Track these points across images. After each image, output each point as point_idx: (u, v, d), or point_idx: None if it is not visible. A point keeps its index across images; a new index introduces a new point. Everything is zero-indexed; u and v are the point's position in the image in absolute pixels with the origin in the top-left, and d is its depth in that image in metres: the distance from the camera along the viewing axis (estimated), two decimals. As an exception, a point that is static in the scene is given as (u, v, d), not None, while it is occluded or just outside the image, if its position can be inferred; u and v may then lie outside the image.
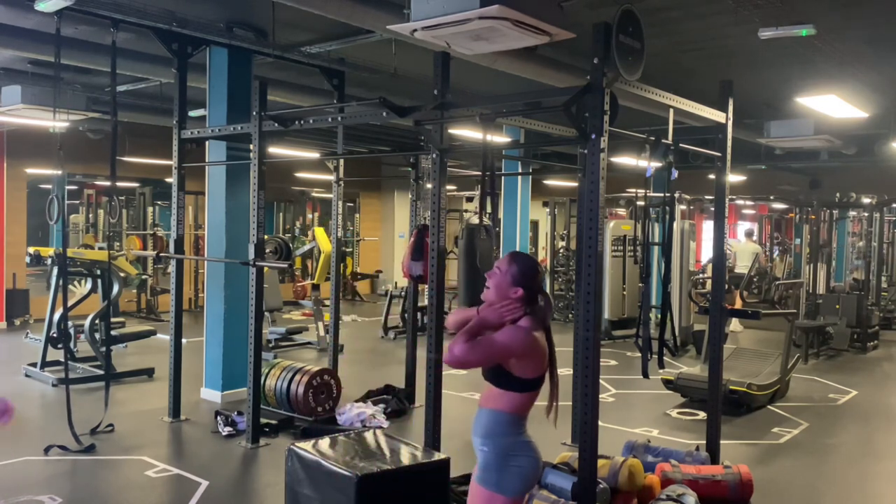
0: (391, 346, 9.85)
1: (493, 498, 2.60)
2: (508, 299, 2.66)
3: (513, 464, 2.61)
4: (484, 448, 2.64)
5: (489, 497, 2.61)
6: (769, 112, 9.43)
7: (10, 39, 6.05)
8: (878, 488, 4.95)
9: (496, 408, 2.65)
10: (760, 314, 5.79)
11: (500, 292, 2.67)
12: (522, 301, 2.66)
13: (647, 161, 4.21)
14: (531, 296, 2.68)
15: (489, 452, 2.63)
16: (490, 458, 2.63)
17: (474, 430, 2.69)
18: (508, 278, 2.68)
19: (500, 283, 2.68)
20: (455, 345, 2.55)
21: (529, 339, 2.60)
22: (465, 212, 15.15)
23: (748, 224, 22.73)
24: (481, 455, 2.65)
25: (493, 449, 2.63)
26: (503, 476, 2.60)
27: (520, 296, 2.66)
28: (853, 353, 9.87)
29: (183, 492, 4.47)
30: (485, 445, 2.64)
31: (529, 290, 2.67)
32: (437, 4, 3.40)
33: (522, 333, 2.61)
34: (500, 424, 2.64)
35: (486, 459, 2.64)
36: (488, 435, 2.64)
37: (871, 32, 6.33)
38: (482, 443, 2.65)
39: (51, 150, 5.50)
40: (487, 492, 2.61)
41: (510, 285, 2.67)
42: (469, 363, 2.58)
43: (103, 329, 7.04)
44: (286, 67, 7.20)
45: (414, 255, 5.53)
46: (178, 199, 6.04)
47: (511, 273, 2.68)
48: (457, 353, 2.53)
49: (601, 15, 4.11)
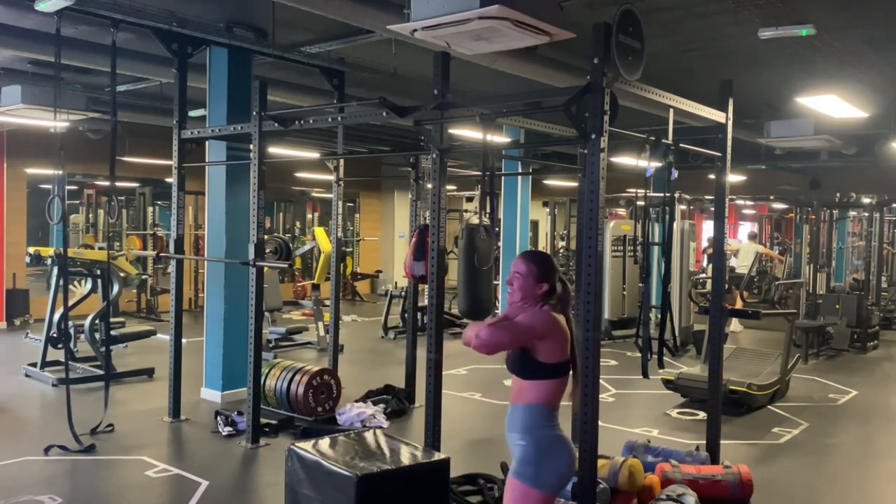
0: (391, 346, 9.85)
1: (529, 492, 2.65)
2: (535, 297, 2.75)
3: (550, 459, 2.67)
4: (521, 442, 2.69)
5: (525, 491, 2.65)
6: (769, 112, 9.42)
7: (10, 39, 6.05)
8: (878, 488, 4.95)
9: (529, 401, 2.70)
10: (760, 314, 5.78)
11: (526, 293, 2.76)
12: (545, 296, 2.76)
13: (647, 161, 4.20)
14: (554, 289, 2.78)
15: (527, 446, 2.67)
16: (528, 451, 2.67)
17: (509, 426, 2.75)
18: (532, 279, 2.76)
19: (524, 284, 2.77)
20: (481, 331, 2.62)
21: (551, 319, 2.70)
22: (465, 212, 15.16)
23: (748, 224, 22.76)
24: (519, 450, 2.69)
25: (530, 442, 2.67)
26: (540, 471, 2.65)
27: (545, 291, 2.75)
28: (853, 353, 9.87)
29: (183, 492, 4.47)
30: (522, 440, 2.68)
31: (552, 284, 2.77)
32: (437, 4, 3.40)
33: (544, 314, 2.70)
34: (535, 417, 2.69)
35: (525, 453, 2.68)
36: (525, 429, 2.69)
37: (871, 32, 6.33)
38: (520, 437, 2.69)
39: (51, 150, 5.50)
40: (524, 486, 2.65)
41: (535, 284, 2.76)
42: (495, 344, 2.64)
43: (103, 329, 7.04)
44: (286, 67, 7.20)
45: (416, 255, 5.52)
46: (178, 199, 6.04)
47: (532, 273, 2.77)
48: (483, 336, 2.61)
49: (601, 15, 4.12)
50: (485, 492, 4.29)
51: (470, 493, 4.30)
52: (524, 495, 2.64)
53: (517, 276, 2.79)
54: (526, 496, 2.64)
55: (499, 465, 4.43)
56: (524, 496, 2.64)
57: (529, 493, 2.64)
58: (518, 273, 2.79)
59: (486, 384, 7.59)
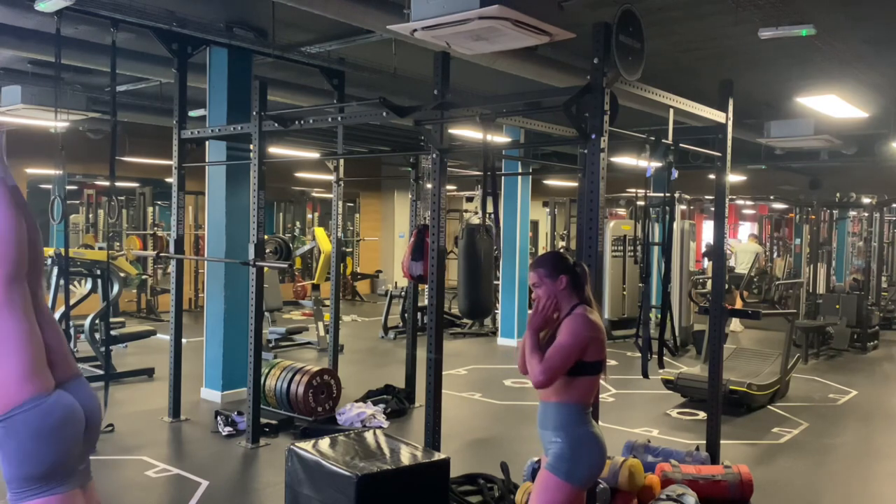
0: (391, 346, 9.85)
1: (562, 486, 2.71)
2: (557, 294, 2.79)
3: (584, 455, 2.73)
4: (556, 440, 2.73)
5: (559, 484, 2.71)
6: (769, 112, 9.42)
7: (10, 39, 6.05)
8: (878, 488, 4.95)
9: (565, 401, 2.75)
10: (760, 314, 5.79)
11: (551, 293, 2.80)
12: (569, 286, 2.80)
13: (647, 161, 4.21)
14: (574, 278, 2.82)
15: (562, 443, 2.72)
16: (563, 448, 2.72)
17: (542, 423, 2.80)
18: (549, 280, 2.81)
19: (547, 289, 2.81)
20: (533, 367, 2.66)
21: (589, 323, 2.73)
22: (465, 212, 15.16)
23: (748, 224, 22.76)
24: (554, 447, 2.74)
25: (565, 440, 2.72)
26: (574, 466, 2.71)
27: (567, 282, 2.80)
28: (853, 353, 9.87)
29: (183, 492, 4.47)
30: (557, 437, 2.73)
31: (570, 273, 2.82)
32: (437, 4, 3.40)
33: (582, 322, 2.73)
34: (570, 415, 2.74)
35: (560, 450, 2.73)
36: (560, 427, 2.74)
37: (871, 32, 6.33)
38: (554, 435, 2.74)
39: (51, 150, 5.50)
40: (558, 479, 2.71)
41: (554, 282, 2.80)
42: (554, 376, 2.67)
43: (103, 329, 7.03)
44: (286, 67, 7.20)
45: (414, 255, 5.53)
46: (178, 199, 6.04)
47: (545, 274, 2.82)
48: (538, 375, 2.65)
49: (601, 15, 4.12)
50: (485, 492, 4.28)
51: (470, 493, 4.29)
52: (557, 488, 2.71)
53: (535, 286, 2.85)
54: (559, 489, 2.71)
55: (499, 465, 4.43)
56: (557, 489, 2.72)
57: (562, 487, 2.71)
58: (535, 283, 2.85)
59: (486, 384, 7.59)
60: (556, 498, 2.71)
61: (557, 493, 2.71)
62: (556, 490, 2.72)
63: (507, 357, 9.19)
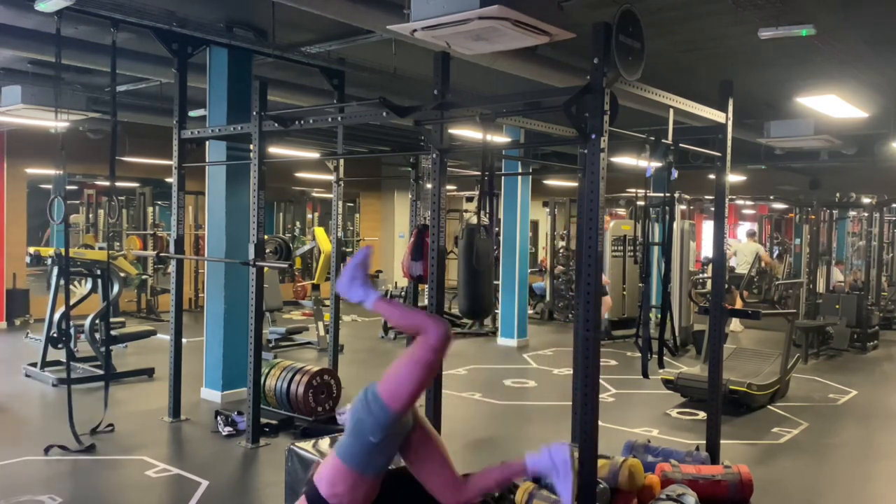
0: (391, 346, 9.85)
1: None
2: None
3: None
4: None
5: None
6: (769, 112, 9.42)
7: (10, 39, 6.05)
8: (878, 488, 4.95)
9: None
10: (760, 314, 5.78)
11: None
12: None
13: (647, 161, 4.21)
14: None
15: None
16: None
17: None
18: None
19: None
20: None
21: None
22: (465, 212, 15.16)
23: (748, 224, 22.76)
24: None
25: None
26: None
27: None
28: (853, 353, 9.87)
29: (183, 492, 4.47)
30: None
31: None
32: (437, 4, 3.40)
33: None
34: None
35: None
36: None
37: (871, 32, 6.33)
38: None
39: (51, 150, 5.50)
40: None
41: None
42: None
43: (103, 329, 7.03)
44: (286, 67, 7.20)
45: (414, 255, 5.51)
46: (178, 199, 6.04)
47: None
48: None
49: (601, 15, 4.11)
50: (485, 492, 4.28)
51: (470, 493, 4.29)
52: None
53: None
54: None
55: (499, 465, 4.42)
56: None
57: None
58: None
59: (486, 384, 7.59)
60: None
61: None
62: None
63: (507, 357, 9.19)
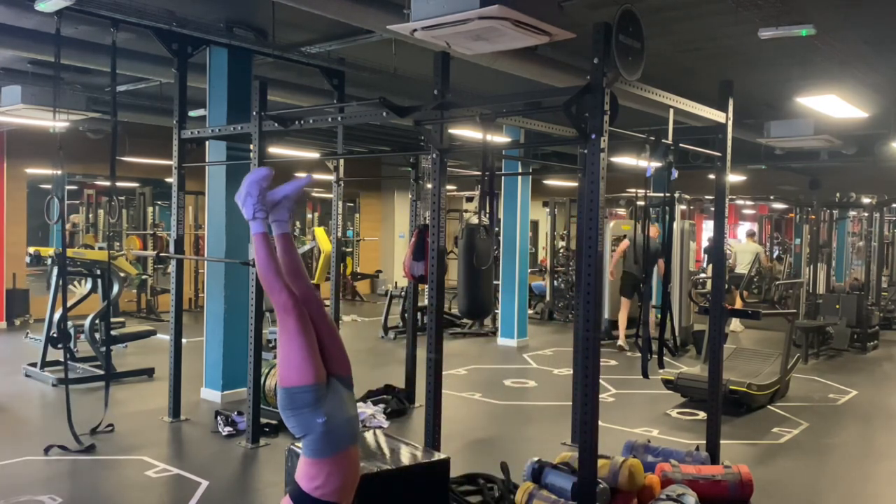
0: (391, 346, 9.85)
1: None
2: None
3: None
4: None
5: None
6: (769, 112, 9.42)
7: (10, 39, 6.04)
8: (878, 488, 4.95)
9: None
10: (760, 314, 5.79)
11: None
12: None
13: (647, 161, 4.21)
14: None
15: None
16: None
17: None
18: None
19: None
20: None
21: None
22: (465, 212, 15.15)
23: (748, 224, 22.77)
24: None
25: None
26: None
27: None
28: (853, 353, 9.87)
29: (183, 492, 4.47)
30: None
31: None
32: (437, 4, 3.39)
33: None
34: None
35: None
36: None
37: (871, 32, 6.33)
38: None
39: (51, 150, 5.50)
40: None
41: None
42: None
43: (103, 329, 7.03)
44: (286, 67, 7.20)
45: (415, 255, 5.53)
46: (178, 199, 6.03)
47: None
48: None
49: (601, 15, 4.12)
50: (485, 492, 4.28)
51: (470, 493, 4.30)
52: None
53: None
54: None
55: (499, 465, 4.43)
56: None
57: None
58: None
59: (486, 384, 7.59)
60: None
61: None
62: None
63: (507, 357, 9.19)
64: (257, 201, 2.71)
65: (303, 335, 2.60)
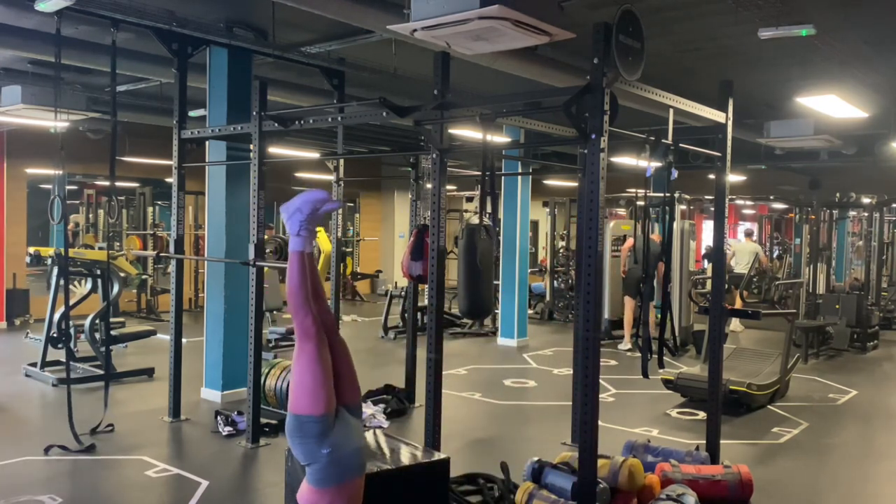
0: (391, 346, 9.85)
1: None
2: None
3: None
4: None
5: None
6: (769, 112, 9.42)
7: (10, 39, 6.04)
8: (878, 488, 4.95)
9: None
10: (760, 314, 5.78)
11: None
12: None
13: (647, 161, 4.21)
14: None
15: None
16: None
17: None
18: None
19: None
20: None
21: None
22: (465, 212, 15.15)
23: (748, 224, 22.77)
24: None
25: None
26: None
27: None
28: (853, 353, 9.87)
29: (183, 492, 4.47)
30: None
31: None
32: (437, 4, 3.39)
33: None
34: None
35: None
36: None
37: (871, 32, 6.33)
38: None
39: (51, 149, 5.51)
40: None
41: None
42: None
43: (103, 329, 7.04)
44: (286, 67, 7.20)
45: (413, 255, 5.53)
46: (178, 199, 6.03)
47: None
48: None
49: (601, 15, 4.12)
50: (485, 492, 4.29)
51: (470, 493, 4.30)
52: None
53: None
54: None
55: (499, 464, 4.43)
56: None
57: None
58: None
59: (486, 384, 7.59)
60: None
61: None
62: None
63: (507, 357, 9.19)
64: (305, 219, 2.69)
65: (319, 363, 2.60)
